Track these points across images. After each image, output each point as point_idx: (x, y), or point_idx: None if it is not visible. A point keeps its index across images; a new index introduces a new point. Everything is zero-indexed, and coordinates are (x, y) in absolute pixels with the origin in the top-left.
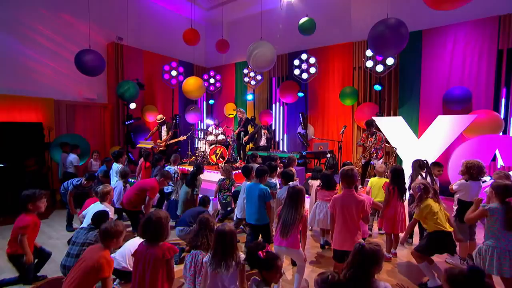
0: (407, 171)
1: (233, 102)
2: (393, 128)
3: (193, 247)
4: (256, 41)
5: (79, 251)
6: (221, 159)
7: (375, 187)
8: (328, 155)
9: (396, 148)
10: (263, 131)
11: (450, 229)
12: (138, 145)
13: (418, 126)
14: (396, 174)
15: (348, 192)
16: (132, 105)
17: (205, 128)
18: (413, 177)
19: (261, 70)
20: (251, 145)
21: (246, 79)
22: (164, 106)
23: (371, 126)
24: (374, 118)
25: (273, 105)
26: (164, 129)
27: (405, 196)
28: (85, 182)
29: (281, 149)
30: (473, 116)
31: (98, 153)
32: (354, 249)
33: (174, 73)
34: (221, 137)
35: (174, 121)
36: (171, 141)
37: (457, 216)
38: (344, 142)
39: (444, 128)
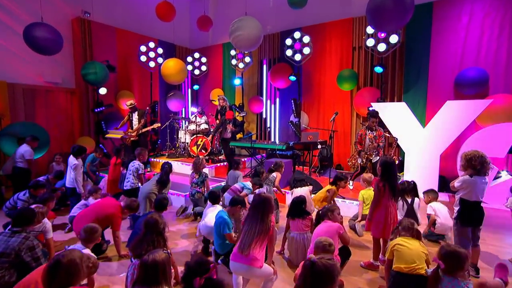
0: (409, 164)
1: (220, 88)
2: (395, 115)
3: (137, 256)
4: (240, 17)
5: None
6: (203, 151)
7: (366, 199)
8: (319, 146)
9: (397, 139)
10: (227, 124)
11: (408, 268)
12: (107, 135)
13: (426, 113)
14: (386, 168)
15: None
16: (102, 90)
17: (187, 116)
18: None
19: (245, 50)
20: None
21: (234, 62)
22: (141, 92)
23: (374, 117)
24: (373, 104)
25: (264, 90)
26: (135, 116)
27: (397, 194)
28: (34, 192)
29: (272, 139)
30: (488, 101)
31: (61, 155)
32: (304, 267)
33: (152, 54)
34: (203, 126)
35: (147, 107)
36: (143, 130)
37: (458, 219)
38: (342, 132)
39: (453, 115)
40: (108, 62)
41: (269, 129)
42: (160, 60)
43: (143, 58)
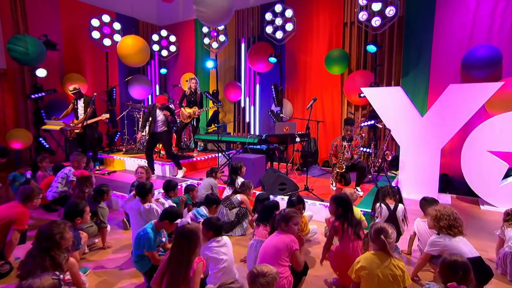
0: (404, 160)
1: (192, 72)
2: (388, 102)
3: (22, 279)
4: None
5: None
6: None
7: None
8: (298, 139)
9: (390, 130)
10: (157, 112)
11: None
12: (44, 127)
13: (427, 100)
14: (343, 203)
15: None
16: (41, 72)
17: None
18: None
19: (213, 25)
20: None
21: (207, 41)
22: (96, 75)
23: (349, 125)
24: (364, 89)
25: (242, 75)
26: (80, 104)
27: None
28: None
29: (251, 132)
30: (498, 84)
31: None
32: None
33: (107, 30)
34: None
35: (95, 94)
36: (90, 121)
37: None
38: (330, 123)
39: (457, 101)
40: (47, 37)
41: (248, 121)
42: (117, 37)
43: (95, 35)
